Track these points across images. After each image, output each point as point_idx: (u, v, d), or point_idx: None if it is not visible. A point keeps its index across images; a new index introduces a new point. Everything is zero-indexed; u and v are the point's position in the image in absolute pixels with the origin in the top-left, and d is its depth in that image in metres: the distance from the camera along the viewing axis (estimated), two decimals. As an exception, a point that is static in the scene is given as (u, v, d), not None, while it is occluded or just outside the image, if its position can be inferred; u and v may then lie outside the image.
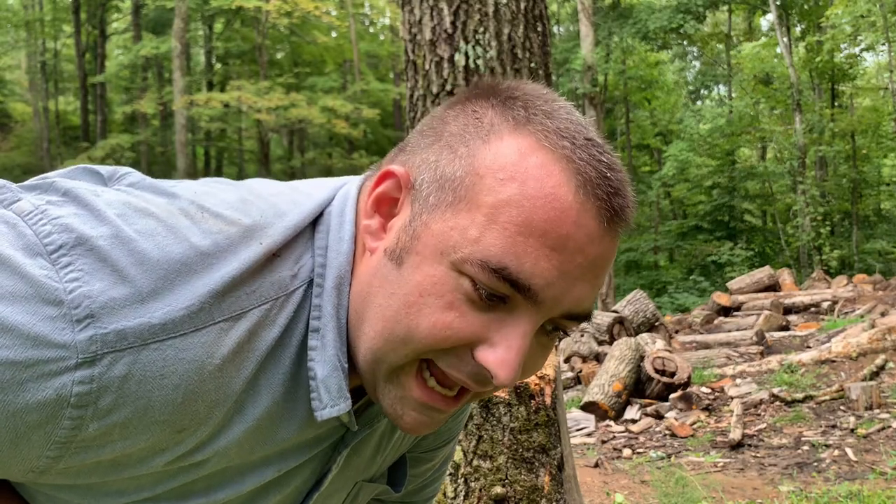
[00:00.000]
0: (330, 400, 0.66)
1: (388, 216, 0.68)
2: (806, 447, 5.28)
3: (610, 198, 0.62)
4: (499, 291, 0.61)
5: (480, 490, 2.45)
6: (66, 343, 0.55)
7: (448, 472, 2.52)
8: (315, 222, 0.69)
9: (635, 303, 9.72)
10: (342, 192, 0.72)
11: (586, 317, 0.67)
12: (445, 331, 0.62)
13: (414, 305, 0.63)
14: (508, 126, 0.64)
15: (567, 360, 8.33)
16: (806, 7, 23.28)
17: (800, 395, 6.23)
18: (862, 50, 22.80)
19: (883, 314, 8.89)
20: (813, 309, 10.67)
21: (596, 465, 5.23)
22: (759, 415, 6.10)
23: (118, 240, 0.59)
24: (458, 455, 2.48)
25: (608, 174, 0.62)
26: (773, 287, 11.82)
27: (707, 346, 8.89)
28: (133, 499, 0.65)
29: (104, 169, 0.68)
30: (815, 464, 4.94)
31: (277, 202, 0.68)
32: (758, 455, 5.27)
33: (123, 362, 0.57)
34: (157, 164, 27.28)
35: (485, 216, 0.61)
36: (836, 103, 23.79)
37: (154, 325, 0.57)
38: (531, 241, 0.60)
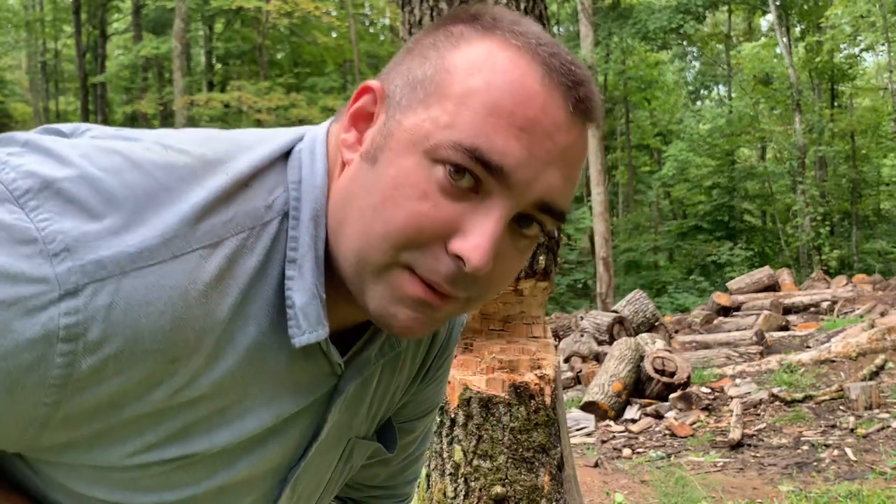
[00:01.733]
0: (308, 327, 0.67)
1: (364, 130, 0.70)
2: (805, 447, 5.28)
3: (575, 86, 0.65)
4: (472, 172, 0.63)
5: (480, 490, 2.45)
6: (46, 276, 0.56)
7: (448, 472, 2.52)
8: (285, 159, 0.71)
9: (635, 303, 9.72)
10: (311, 131, 0.74)
11: (561, 214, 0.68)
12: (420, 219, 0.63)
13: (390, 199, 0.64)
14: (477, 33, 0.67)
15: (567, 360, 8.34)
16: (806, 7, 23.29)
17: (799, 395, 6.24)
18: (862, 50, 22.82)
19: (882, 314, 8.90)
20: (812, 309, 10.68)
21: (596, 465, 5.24)
22: (758, 415, 6.11)
23: (83, 179, 0.59)
24: (458, 455, 2.49)
25: (572, 67, 0.66)
26: (773, 287, 11.83)
27: (707, 346, 8.89)
28: (136, 447, 0.65)
29: (66, 126, 0.70)
30: (815, 464, 4.95)
31: (242, 139, 0.71)
32: (757, 455, 5.28)
33: (106, 291, 0.57)
34: (157, 164, 27.23)
35: (454, 103, 0.63)
36: (835, 103, 23.81)
37: (131, 254, 0.58)
38: (501, 122, 0.62)
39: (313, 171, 0.70)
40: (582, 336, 8.74)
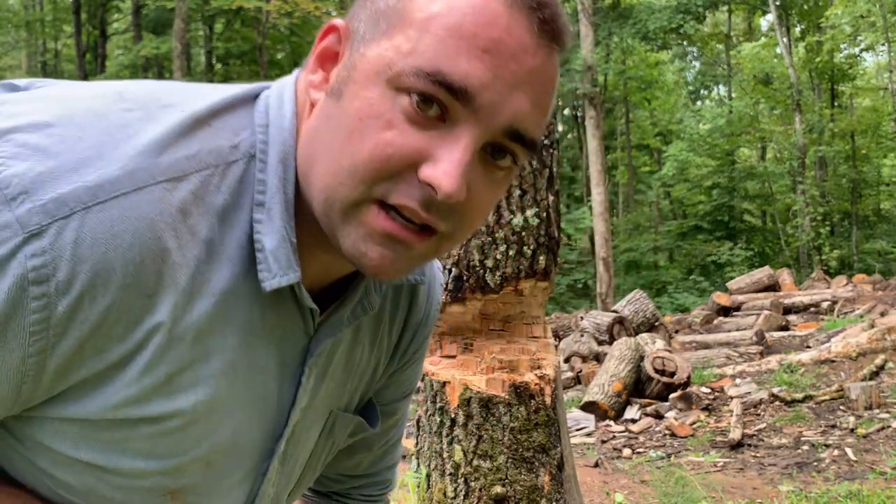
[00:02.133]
0: (279, 270, 0.67)
1: (330, 69, 0.69)
2: (806, 447, 5.29)
3: (540, 7, 0.64)
4: (437, 98, 0.62)
5: (480, 490, 2.45)
6: (8, 222, 0.55)
7: (448, 472, 2.52)
8: (252, 103, 0.70)
9: (635, 303, 9.73)
10: (280, 80, 0.74)
11: (532, 142, 0.66)
12: (387, 148, 0.62)
13: (356, 131, 0.63)
14: None
15: (567, 360, 8.34)
16: (806, 7, 23.30)
17: (799, 395, 6.24)
18: (862, 50, 22.84)
19: (882, 314, 8.90)
20: (812, 309, 10.68)
21: (596, 465, 5.24)
22: (758, 415, 6.11)
23: (34, 125, 0.59)
24: (458, 455, 2.49)
25: None
26: (773, 287, 11.83)
27: (707, 346, 8.90)
28: (120, 398, 0.64)
29: (22, 81, 0.69)
30: (815, 464, 4.95)
31: (201, 88, 0.71)
32: (757, 455, 5.28)
33: (71, 228, 0.56)
34: (158, 164, 27.25)
35: (416, 30, 0.62)
36: (835, 103, 23.83)
37: (90, 187, 0.57)
38: (463, 43, 0.61)
39: (280, 114, 0.69)
40: (582, 336, 8.75)
